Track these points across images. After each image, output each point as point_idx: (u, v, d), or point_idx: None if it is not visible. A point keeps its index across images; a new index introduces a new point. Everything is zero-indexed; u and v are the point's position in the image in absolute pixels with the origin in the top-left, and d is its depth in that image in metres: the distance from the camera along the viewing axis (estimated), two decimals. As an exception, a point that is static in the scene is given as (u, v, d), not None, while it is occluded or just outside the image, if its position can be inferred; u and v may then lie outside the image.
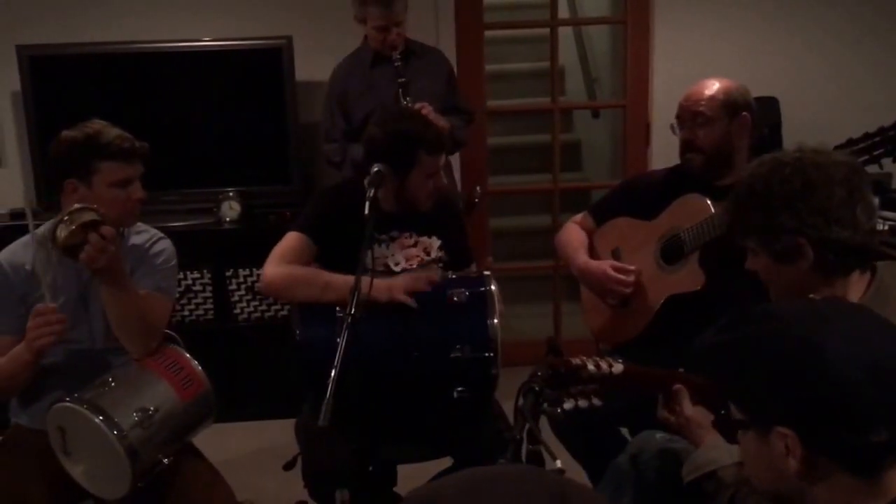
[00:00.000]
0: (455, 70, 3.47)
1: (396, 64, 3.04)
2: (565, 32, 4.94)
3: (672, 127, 2.31)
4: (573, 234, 2.49)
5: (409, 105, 2.96)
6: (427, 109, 2.96)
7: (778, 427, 1.06)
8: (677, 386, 1.62)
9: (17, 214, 3.43)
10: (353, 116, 3.18)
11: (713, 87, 2.23)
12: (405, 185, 2.19)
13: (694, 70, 3.59)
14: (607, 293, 2.35)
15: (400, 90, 3.01)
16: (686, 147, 2.27)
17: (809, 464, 1.05)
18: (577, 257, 2.43)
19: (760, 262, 1.59)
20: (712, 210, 2.14)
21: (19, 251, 2.06)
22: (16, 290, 2.02)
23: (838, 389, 1.02)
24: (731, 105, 2.21)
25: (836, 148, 1.76)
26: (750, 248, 1.60)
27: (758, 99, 3.61)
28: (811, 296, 1.49)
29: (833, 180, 1.49)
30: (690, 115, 2.24)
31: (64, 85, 3.48)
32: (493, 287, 2.10)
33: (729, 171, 2.23)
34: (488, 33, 3.90)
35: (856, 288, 1.53)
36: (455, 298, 2.07)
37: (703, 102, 2.22)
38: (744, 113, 2.22)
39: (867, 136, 1.92)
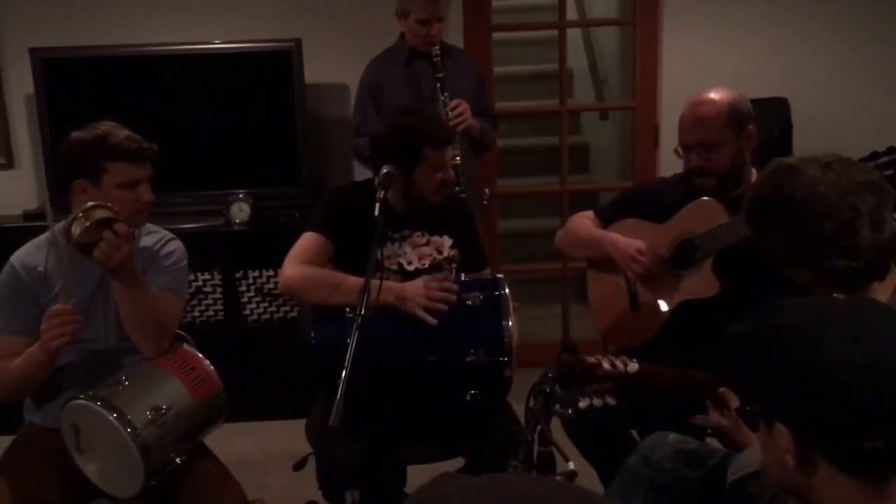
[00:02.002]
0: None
1: (435, 59, 3.03)
2: (573, 35, 4.94)
3: (677, 152, 2.23)
4: (587, 222, 2.46)
5: (447, 101, 2.98)
6: (463, 107, 2.99)
7: (777, 424, 1.06)
8: (722, 389, 1.62)
9: (30, 215, 3.46)
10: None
11: (716, 105, 2.14)
12: (413, 180, 2.20)
13: (703, 72, 3.62)
14: (631, 261, 2.28)
15: (438, 86, 3.02)
16: (697, 173, 2.19)
17: (806, 463, 1.04)
18: (601, 230, 2.39)
19: (798, 276, 1.60)
20: (726, 217, 2.12)
21: (32, 252, 2.08)
22: (29, 291, 2.03)
23: (833, 393, 1.00)
24: (736, 121, 2.14)
25: (860, 161, 1.70)
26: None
27: (767, 100, 3.66)
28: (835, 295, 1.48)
29: (830, 209, 1.49)
30: (699, 142, 2.16)
31: (76, 87, 3.51)
32: (507, 291, 2.10)
33: (739, 184, 2.19)
34: (496, 35, 3.91)
35: (882, 290, 1.53)
36: (469, 302, 2.07)
37: (710, 127, 2.13)
38: (749, 126, 2.17)
39: (891, 149, 1.88)
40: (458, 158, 2.98)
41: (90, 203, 1.89)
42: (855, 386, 0.99)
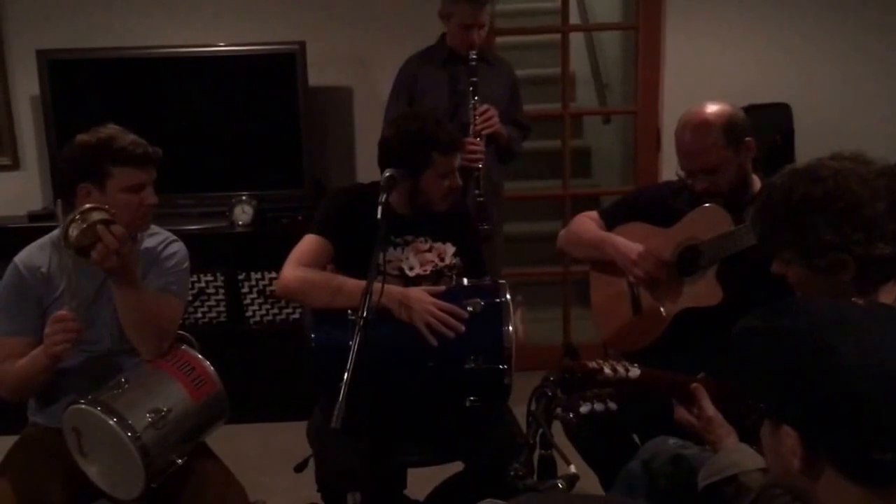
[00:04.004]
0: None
1: (472, 63, 3.07)
2: (576, 39, 4.95)
3: (679, 175, 2.24)
4: (590, 222, 2.45)
5: (476, 105, 3.02)
6: (491, 112, 3.03)
7: (784, 425, 1.05)
8: (695, 385, 1.61)
9: (34, 216, 3.48)
10: (418, 107, 3.18)
11: (712, 129, 2.12)
12: (419, 186, 2.20)
13: (705, 76, 3.63)
14: (633, 266, 2.28)
15: (471, 89, 3.05)
16: (704, 194, 2.19)
17: (812, 467, 1.03)
18: (604, 232, 2.38)
19: (794, 271, 1.56)
20: (733, 225, 2.11)
21: (35, 254, 2.08)
22: (32, 292, 2.04)
23: (845, 401, 0.99)
24: (734, 138, 2.13)
25: None
26: (783, 257, 1.57)
27: (770, 105, 3.67)
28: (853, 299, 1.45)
29: (876, 194, 1.46)
30: (702, 169, 2.15)
31: (82, 89, 3.53)
32: (507, 297, 2.09)
33: (744, 192, 2.19)
34: (500, 39, 3.92)
35: (887, 297, 1.52)
36: (470, 308, 2.06)
37: (711, 153, 2.12)
38: (747, 138, 2.15)
39: None
40: (480, 164, 3.00)
41: (87, 205, 1.89)
42: (868, 397, 0.98)
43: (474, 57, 3.08)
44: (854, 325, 1.04)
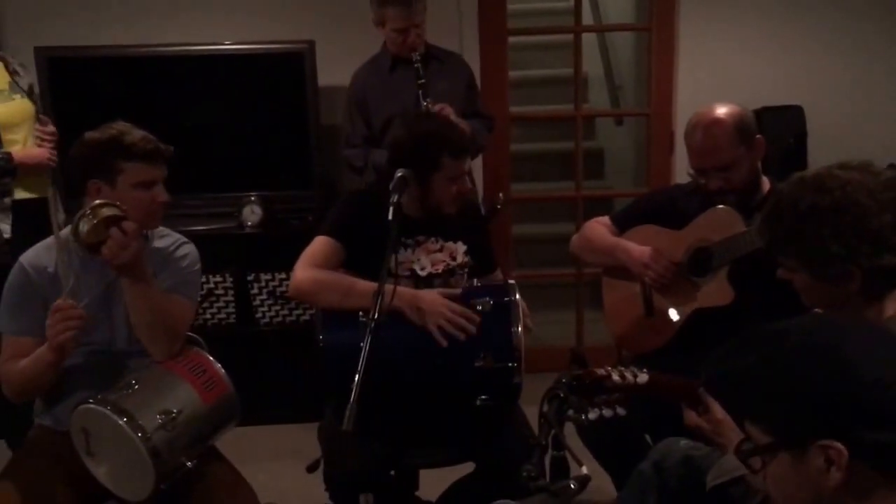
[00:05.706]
0: (478, 76, 3.46)
1: (416, 65, 3.02)
2: (589, 40, 4.93)
3: (692, 176, 2.25)
4: (602, 228, 2.47)
5: (430, 106, 2.96)
6: (448, 111, 2.97)
7: (818, 441, 1.02)
8: (703, 388, 1.60)
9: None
10: (373, 121, 3.19)
11: (724, 127, 2.15)
12: (429, 188, 2.19)
13: (718, 78, 3.61)
14: (645, 269, 2.30)
15: (420, 91, 3.00)
16: (718, 192, 2.20)
17: (854, 473, 1.01)
18: (615, 238, 2.41)
19: (800, 279, 1.56)
20: (744, 226, 2.12)
21: (42, 253, 2.07)
22: (38, 292, 2.02)
23: (868, 389, 0.99)
24: (745, 136, 2.16)
25: None
26: (789, 265, 1.57)
27: (783, 108, 3.65)
28: (816, 310, 1.50)
29: (883, 206, 1.46)
30: (715, 167, 2.17)
31: (83, 87, 3.48)
32: (517, 296, 2.09)
33: (755, 192, 2.21)
34: (512, 39, 3.90)
35: (893, 303, 1.51)
36: (480, 308, 2.06)
37: (724, 150, 2.14)
38: (757, 136, 2.18)
39: None
40: None
41: (98, 201, 1.89)
42: (886, 380, 0.98)
43: (418, 59, 3.03)
44: (841, 325, 1.06)
